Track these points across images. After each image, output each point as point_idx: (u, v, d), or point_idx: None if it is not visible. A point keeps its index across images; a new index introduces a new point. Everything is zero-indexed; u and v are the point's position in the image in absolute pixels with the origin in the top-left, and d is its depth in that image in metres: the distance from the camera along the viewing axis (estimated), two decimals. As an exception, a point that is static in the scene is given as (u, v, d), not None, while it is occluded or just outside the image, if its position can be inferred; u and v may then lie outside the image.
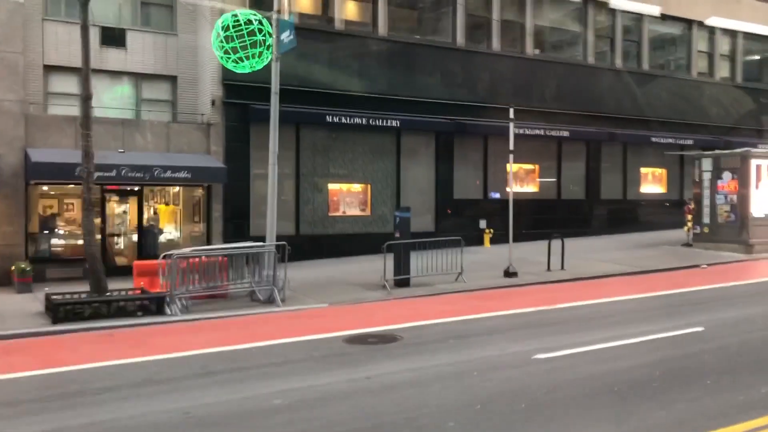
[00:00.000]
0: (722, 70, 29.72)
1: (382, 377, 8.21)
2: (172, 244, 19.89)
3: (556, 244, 18.54)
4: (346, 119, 20.70)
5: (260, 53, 14.92)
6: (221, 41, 14.58)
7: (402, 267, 16.20)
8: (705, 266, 19.36)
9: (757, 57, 31.36)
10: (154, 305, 13.14)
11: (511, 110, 17.79)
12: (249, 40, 14.50)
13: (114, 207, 19.44)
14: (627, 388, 7.44)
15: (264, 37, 14.68)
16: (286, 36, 14.39)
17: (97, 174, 16.39)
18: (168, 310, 13.12)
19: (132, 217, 19.28)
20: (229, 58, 14.73)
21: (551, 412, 6.67)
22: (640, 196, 27.55)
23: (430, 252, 16.73)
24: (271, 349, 10.02)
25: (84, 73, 13.46)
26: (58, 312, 12.34)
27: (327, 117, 20.39)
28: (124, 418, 6.78)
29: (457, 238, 17.05)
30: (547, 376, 8.05)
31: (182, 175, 17.73)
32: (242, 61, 14.73)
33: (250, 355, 9.64)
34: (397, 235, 16.42)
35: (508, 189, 18.52)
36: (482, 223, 23.70)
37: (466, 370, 8.38)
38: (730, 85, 29.76)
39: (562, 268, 18.37)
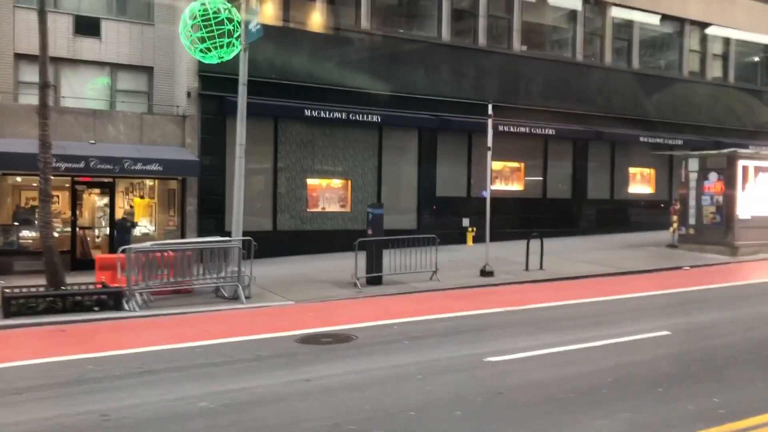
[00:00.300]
0: (714, 70, 29.32)
1: (323, 380, 7.86)
2: (147, 238, 19.55)
3: (538, 243, 18.16)
4: (326, 113, 20.33)
5: (229, 43, 14.56)
6: (189, 30, 14.20)
7: (374, 265, 15.84)
8: (687, 268, 19.00)
9: (750, 58, 30.94)
10: (112, 300, 12.78)
11: (490, 106, 17.46)
12: (217, 29, 14.13)
13: (86, 199, 19.09)
14: (574, 395, 7.08)
15: (233, 27, 14.31)
16: (254, 25, 14.00)
17: (65, 165, 16.14)
18: (126, 306, 12.77)
19: (105, 210, 18.92)
20: (196, 47, 14.35)
21: (485, 423, 6.31)
22: (627, 197, 27.18)
23: (406, 250, 16.37)
24: (219, 348, 9.67)
25: (41, 60, 13.08)
26: (10, 306, 12.00)
27: (306, 111, 20.02)
28: (32, 421, 6.43)
29: (432, 236, 16.68)
30: (492, 381, 7.70)
31: (153, 167, 17.38)
32: (210, 51, 14.35)
33: (194, 354, 9.29)
34: (370, 232, 16.08)
35: (485, 189, 18.06)
36: (465, 222, 23.32)
37: (411, 373, 8.03)
38: (722, 85, 29.36)
39: (541, 267, 18.03)
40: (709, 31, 28.65)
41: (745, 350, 9.01)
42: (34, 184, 18.12)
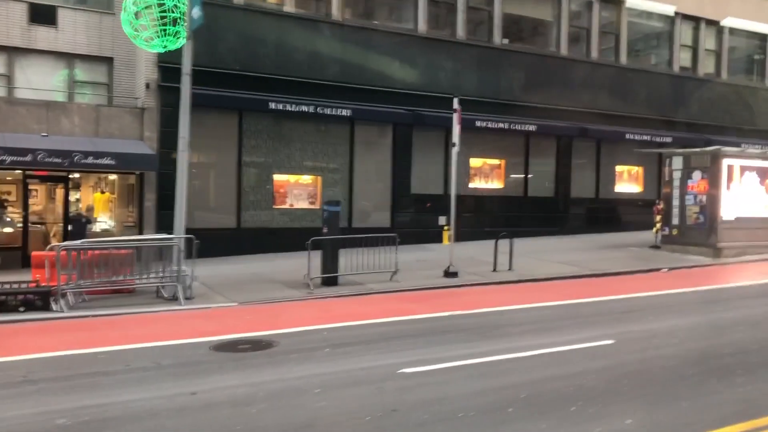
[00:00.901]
0: (707, 66, 28.39)
1: (212, 392, 7.17)
2: (106, 233, 18.96)
3: (517, 243, 17.44)
4: (292, 107, 19.61)
5: (176, 33, 13.89)
6: (131, 18, 13.53)
7: (329, 265, 15.15)
8: (665, 270, 18.20)
9: (744, 53, 30.01)
10: (40, 300, 12.13)
11: (455, 100, 16.70)
12: (160, 17, 13.46)
13: (40, 194, 18.47)
14: (476, 413, 6.37)
15: (180, 15, 13.63)
16: (196, 12, 13.30)
17: (10, 158, 15.52)
18: (54, 306, 12.12)
19: (58, 205, 18.30)
20: (138, 36, 13.68)
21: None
22: (614, 195, 26.35)
23: (369, 249, 15.65)
24: (123, 354, 8.99)
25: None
26: (-73, 305, 11.38)
27: (270, 104, 19.31)
28: None
29: (393, 235, 15.98)
30: (394, 396, 6.98)
31: (105, 161, 16.73)
32: (153, 40, 13.68)
33: (93, 361, 8.62)
34: (325, 230, 15.37)
35: (450, 187, 17.33)
36: (442, 220, 22.55)
37: (312, 386, 7.32)
38: (715, 81, 28.43)
39: (510, 268, 17.28)
40: (725, 22, 27.79)
41: (687, 363, 8.26)
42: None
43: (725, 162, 20.35)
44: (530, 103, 23.75)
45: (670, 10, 26.69)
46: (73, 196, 18.69)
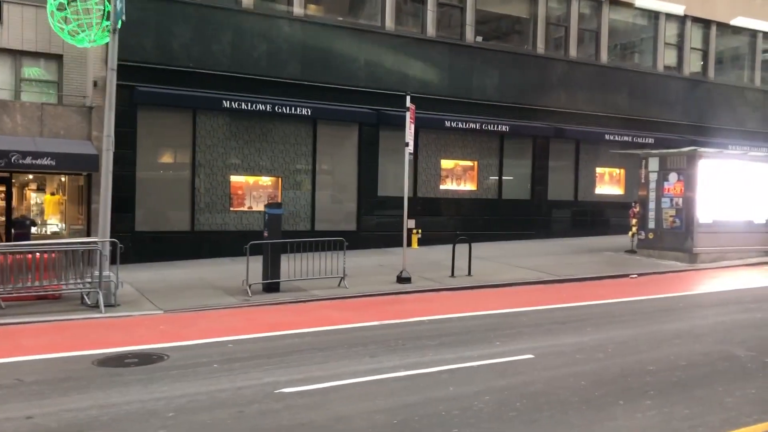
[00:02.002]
0: (693, 65, 27.49)
1: (49, 416, 6.46)
2: (56, 237, 18.34)
3: (481, 247, 16.74)
4: (247, 105, 18.90)
5: (105, 27, 13.21)
6: (53, 8, 12.86)
7: (270, 270, 14.41)
8: (635, 276, 17.37)
9: (732, 51, 29.10)
10: (-52, 307, 11.46)
11: (408, 98, 15.91)
12: (83, 9, 12.78)
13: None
14: (329, 444, 5.61)
15: (104, 8, 12.95)
16: (119, 4, 12.60)
17: (-60, 158, 14.86)
18: (-40, 314, 11.44)
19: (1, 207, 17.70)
20: (63, 29, 13.01)
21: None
22: (594, 198, 25.48)
23: (320, 254, 14.92)
24: (-6, 368, 8.28)
25: None
26: None
27: (224, 102, 18.61)
28: None
29: (339, 239, 15.23)
30: (251, 422, 6.26)
31: (45, 162, 16.08)
32: (78, 33, 13.00)
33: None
34: (266, 234, 14.64)
35: (406, 189, 16.60)
36: (410, 223, 21.75)
37: (168, 409, 6.60)
38: (701, 80, 27.53)
39: (469, 273, 16.52)
40: (735, 22, 26.98)
41: (599, 382, 7.46)
42: None
43: (701, 163, 19.48)
44: (504, 103, 22.98)
45: (654, 5, 25.84)
46: (33, 196, 18.10)
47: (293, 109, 19.54)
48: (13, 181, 17.95)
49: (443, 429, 6.00)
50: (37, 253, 12.59)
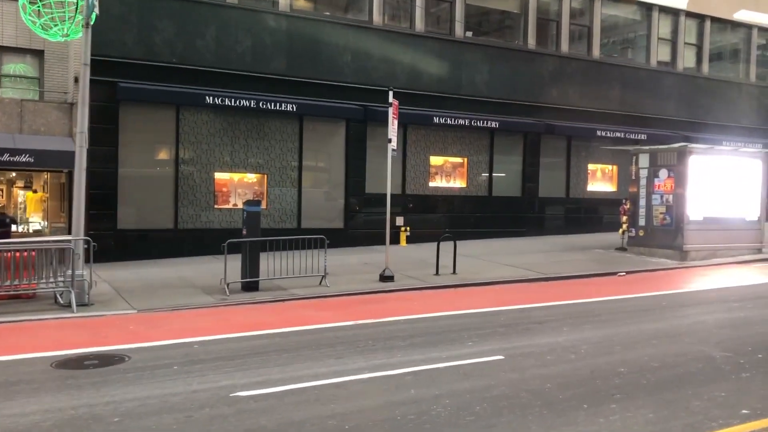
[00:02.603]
0: (687, 60, 27.19)
1: (-7, 421, 6.22)
2: (38, 235, 18.14)
3: (466, 245, 16.54)
4: (231, 101, 18.66)
5: (79, 21, 13.00)
6: (24, 2, 12.64)
7: (249, 269, 14.19)
8: (622, 274, 17.11)
9: (728, 46, 28.80)
10: None
11: (390, 93, 15.67)
12: (55, 3, 12.56)
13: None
14: (272, 451, 5.38)
15: (77, 1, 12.73)
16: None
17: None
18: (-72, 313, 11.23)
19: (-20, 205, 17.50)
20: (35, 23, 12.78)
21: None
22: (586, 195, 25.22)
23: (301, 252, 14.72)
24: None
25: None
26: None
27: (207, 98, 18.37)
28: None
29: (321, 236, 14.99)
30: (202, 426, 6.04)
31: (23, 159, 15.89)
32: (51, 27, 12.78)
33: None
34: (244, 232, 14.42)
35: (389, 186, 16.37)
36: (399, 221, 21.51)
37: (114, 414, 6.39)
38: (696, 76, 27.24)
39: (454, 272, 16.29)
40: (737, 15, 26.65)
41: (566, 385, 7.23)
42: None
43: (692, 159, 19.21)
44: (494, 99, 22.72)
45: None
46: (16, 194, 17.90)
47: (279, 105, 19.30)
48: (-7, 177, 17.75)
49: (394, 436, 5.77)
50: (10, 252, 12.37)
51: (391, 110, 15.62)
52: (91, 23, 12.89)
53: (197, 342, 9.56)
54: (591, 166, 25.39)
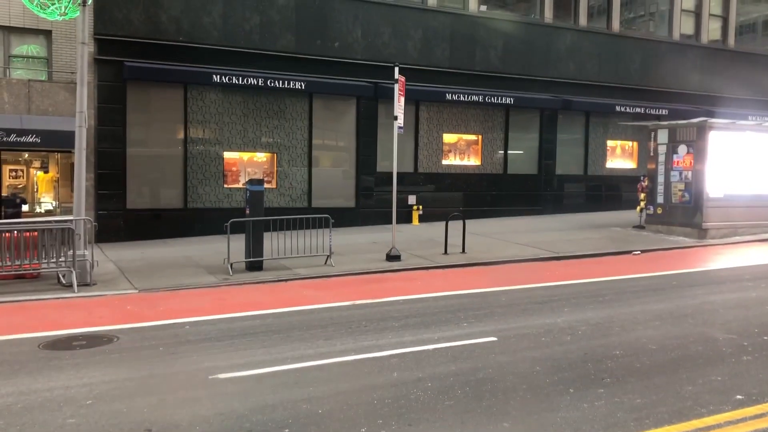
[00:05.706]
0: (712, 32, 26.37)
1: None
2: (49, 214, 18.21)
3: (475, 224, 16.24)
4: (239, 80, 18.47)
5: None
6: (23, -18, 12.51)
7: (253, 248, 14.07)
8: (638, 253, 16.70)
9: (754, 16, 27.85)
10: None
11: (396, 70, 15.29)
12: (52, -20, 12.41)
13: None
14: (237, 436, 5.22)
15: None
16: (87, -25, 12.20)
17: None
18: (-71, 294, 11.28)
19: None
20: (32, 1, 12.65)
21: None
22: (605, 172, 24.71)
23: (307, 231, 14.58)
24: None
25: None
26: None
27: (215, 76, 18.20)
28: None
29: (325, 216, 14.79)
30: (170, 410, 5.90)
31: (30, 140, 15.88)
32: (47, 6, 12.64)
33: None
34: (248, 211, 14.29)
35: (395, 164, 16.07)
36: (411, 199, 21.30)
37: (88, 397, 6.29)
38: (721, 48, 26.41)
39: (463, 251, 16.01)
40: None
41: (555, 368, 6.97)
42: None
43: (712, 135, 18.63)
44: (509, 74, 22.25)
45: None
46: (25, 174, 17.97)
47: (287, 83, 19.07)
48: (4, 158, 17.80)
49: (367, 420, 5.57)
50: (15, 232, 12.37)
51: (397, 87, 15.28)
52: (89, 2, 12.72)
53: (189, 323, 9.45)
54: (610, 143, 24.83)
